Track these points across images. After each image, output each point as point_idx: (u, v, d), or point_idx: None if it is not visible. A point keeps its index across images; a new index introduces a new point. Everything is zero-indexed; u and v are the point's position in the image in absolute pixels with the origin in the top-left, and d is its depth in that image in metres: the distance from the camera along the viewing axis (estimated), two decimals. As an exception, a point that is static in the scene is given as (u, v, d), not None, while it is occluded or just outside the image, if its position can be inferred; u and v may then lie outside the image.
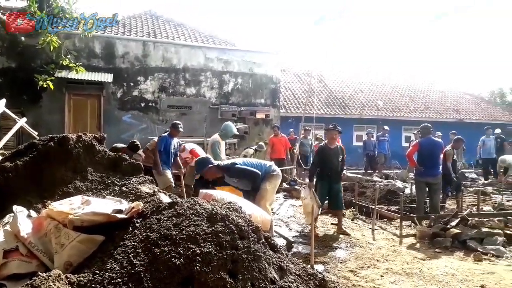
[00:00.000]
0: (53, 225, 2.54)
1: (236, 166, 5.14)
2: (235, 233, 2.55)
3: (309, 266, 3.58)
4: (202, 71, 13.66)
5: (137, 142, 7.77)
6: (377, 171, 13.74)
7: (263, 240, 2.69)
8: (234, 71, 14.03)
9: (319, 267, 4.39)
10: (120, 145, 7.28)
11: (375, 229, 6.49)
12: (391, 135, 16.19)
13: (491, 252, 5.30)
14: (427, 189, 7.09)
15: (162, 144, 7.15)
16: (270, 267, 2.52)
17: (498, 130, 13.60)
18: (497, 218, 6.34)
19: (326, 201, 6.58)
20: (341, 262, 4.82)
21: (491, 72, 62.21)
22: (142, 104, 12.98)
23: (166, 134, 7.40)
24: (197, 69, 13.61)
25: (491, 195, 9.66)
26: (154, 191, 3.42)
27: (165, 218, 2.65)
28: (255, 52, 14.51)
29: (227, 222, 2.62)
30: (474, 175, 14.10)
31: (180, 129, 7.38)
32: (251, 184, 5.05)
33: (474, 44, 65.74)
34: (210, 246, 2.42)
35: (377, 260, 4.93)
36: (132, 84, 12.89)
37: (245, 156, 11.20)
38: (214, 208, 2.76)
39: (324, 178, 6.42)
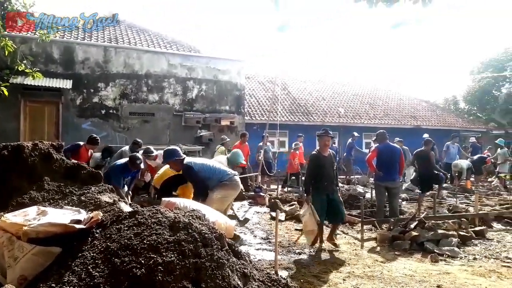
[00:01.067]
0: (6, 237, 2.43)
1: (192, 170, 5.32)
2: (198, 241, 2.54)
3: (273, 272, 3.61)
4: (165, 77, 13.51)
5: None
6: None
7: (227, 247, 2.69)
8: (198, 78, 13.97)
9: (283, 273, 4.41)
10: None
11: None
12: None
13: (447, 253, 5.54)
14: (386, 193, 7.33)
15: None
16: (233, 274, 2.52)
17: (426, 135, 13.30)
18: (452, 220, 6.64)
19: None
20: (304, 267, 4.88)
21: (445, 80, 65.36)
22: (103, 111, 12.65)
23: (122, 163, 6.64)
24: (160, 75, 13.45)
25: (446, 198, 10.11)
26: (114, 200, 3.34)
27: (125, 228, 2.59)
28: (219, 59, 14.53)
29: (190, 230, 2.60)
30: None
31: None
32: (195, 193, 5.37)
33: (429, 53, 68.89)
34: (172, 255, 2.39)
35: (339, 264, 5.03)
36: (92, 90, 12.55)
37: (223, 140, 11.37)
38: (177, 217, 2.73)
39: (321, 190, 5.76)
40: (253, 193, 10.49)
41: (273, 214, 7.26)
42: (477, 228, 6.74)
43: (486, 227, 6.99)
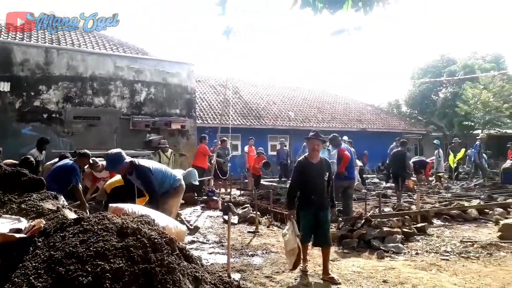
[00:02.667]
0: None
1: (149, 172, 5.07)
2: (148, 246, 2.48)
3: (225, 275, 3.60)
4: (111, 80, 13.05)
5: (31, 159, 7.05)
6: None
7: (178, 252, 2.65)
8: (146, 81, 13.63)
9: (236, 276, 4.42)
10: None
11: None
12: (300, 144, 17.09)
13: (392, 249, 5.81)
14: (340, 194, 7.59)
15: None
16: (185, 279, 2.49)
17: (345, 137, 13.44)
18: (396, 218, 6.97)
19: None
20: (257, 269, 4.91)
21: (389, 85, 68.66)
22: (45, 115, 11.98)
23: (72, 162, 6.15)
24: (106, 78, 12.97)
25: (391, 197, 10.60)
26: (58, 207, 3.19)
27: (70, 235, 2.49)
28: (168, 61, 14.28)
29: (139, 236, 2.54)
30: (376, 180, 15.35)
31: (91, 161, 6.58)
32: (150, 199, 5.08)
33: (374, 59, 72.08)
34: (120, 262, 2.33)
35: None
36: (33, 93, 11.85)
37: (162, 151, 11.17)
38: (125, 222, 2.66)
39: (308, 204, 4.77)
40: (206, 197, 10.42)
41: (226, 217, 7.25)
42: (419, 225, 7.12)
43: (427, 224, 7.41)
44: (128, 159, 5.07)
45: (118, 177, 6.28)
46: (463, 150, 14.55)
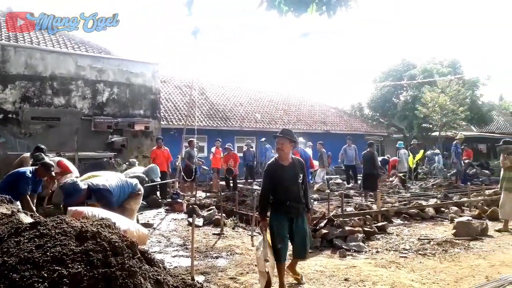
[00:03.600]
0: None
1: (104, 193, 4.96)
2: (108, 250, 2.45)
3: (189, 277, 3.58)
4: (72, 79, 12.66)
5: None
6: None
7: (139, 255, 2.62)
8: (109, 81, 13.31)
9: (199, 278, 4.40)
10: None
11: (254, 235, 6.74)
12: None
13: (353, 248, 5.97)
14: None
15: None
16: (146, 282, 2.47)
17: (300, 138, 12.67)
18: (357, 217, 7.17)
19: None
20: (221, 271, 4.91)
21: (352, 88, 70.38)
22: (0, 116, 11.47)
23: (25, 170, 5.65)
24: (67, 77, 12.57)
25: (353, 197, 10.87)
26: (12, 212, 3.07)
27: (25, 240, 2.41)
28: (132, 61, 14.02)
29: (99, 240, 2.50)
30: (339, 180, 15.69)
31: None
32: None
33: (338, 63, 73.68)
34: (79, 266, 2.28)
35: (255, 265, 5.13)
36: (-13, 92, 11.32)
37: (130, 164, 10.92)
38: (84, 226, 2.61)
39: (282, 211, 4.22)
40: (170, 199, 10.29)
41: (191, 220, 7.20)
42: (379, 224, 7.35)
43: (387, 223, 7.66)
44: (84, 186, 4.86)
45: (84, 177, 6.10)
46: (421, 151, 15.14)
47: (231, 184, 12.80)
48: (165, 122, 16.82)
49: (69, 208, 3.49)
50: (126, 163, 11.18)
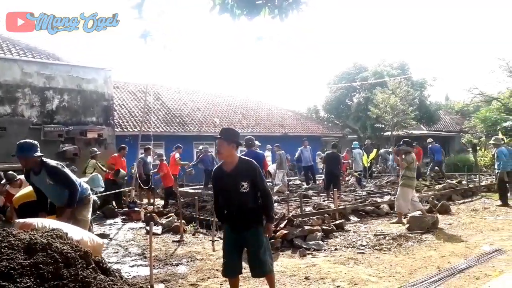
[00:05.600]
0: None
1: (63, 169, 4.53)
2: (60, 261, 2.35)
3: (148, 286, 3.50)
4: (18, 87, 12.05)
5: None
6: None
7: (93, 265, 2.53)
8: (59, 87, 12.78)
9: (159, 286, 4.31)
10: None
11: (215, 240, 6.69)
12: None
13: (313, 247, 6.07)
14: None
15: None
16: (102, 292, 2.38)
17: (257, 142, 13.17)
18: (316, 216, 7.30)
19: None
20: (182, 278, 4.83)
21: (308, 92, 71.84)
22: None
23: None
24: (13, 85, 11.95)
25: (312, 197, 11.07)
26: (-48, 227, 2.86)
27: (-33, 256, 2.25)
28: (83, 67, 13.54)
29: (50, 251, 2.39)
30: (298, 181, 15.93)
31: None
32: (69, 199, 4.46)
33: (294, 67, 75.06)
34: (28, 280, 2.17)
35: (217, 270, 5.10)
36: None
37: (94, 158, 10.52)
38: (33, 238, 2.48)
39: (227, 221, 3.82)
40: (126, 209, 10.00)
41: (149, 228, 7.04)
42: (337, 222, 7.53)
43: (345, 220, 7.86)
44: (40, 154, 4.51)
45: (27, 190, 5.75)
46: (375, 150, 15.69)
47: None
48: (119, 129, 16.35)
49: (17, 220, 3.30)
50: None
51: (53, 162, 4.62)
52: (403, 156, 8.18)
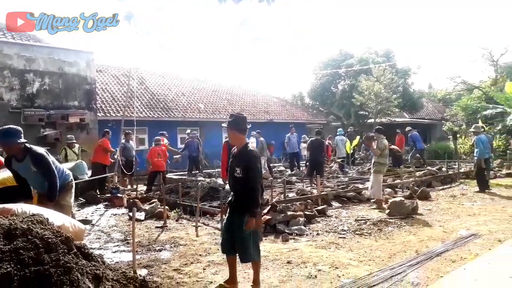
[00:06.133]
0: None
1: (48, 158, 4.40)
2: (40, 247, 2.34)
3: (131, 271, 3.51)
4: (-3, 69, 11.72)
5: None
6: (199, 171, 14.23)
7: (75, 250, 2.53)
8: (40, 70, 12.49)
9: (142, 272, 4.32)
10: None
11: (199, 225, 6.72)
12: (213, 136, 17.25)
13: (295, 231, 6.16)
14: None
15: None
16: (84, 277, 2.39)
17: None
18: (299, 202, 7.39)
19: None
20: (165, 263, 4.86)
21: (293, 78, 71.80)
22: None
23: None
24: (-9, 67, 11.62)
25: (295, 183, 11.18)
26: None
27: None
28: (65, 49, 13.23)
29: (30, 237, 2.38)
30: (282, 168, 16.04)
31: None
32: (49, 191, 4.38)
33: (278, 54, 74.73)
34: (8, 266, 2.16)
35: (200, 255, 5.15)
36: None
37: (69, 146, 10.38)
38: (13, 223, 2.47)
39: (229, 201, 4.00)
40: (109, 194, 9.93)
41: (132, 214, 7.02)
42: (319, 207, 7.64)
43: (327, 206, 7.98)
44: (23, 140, 4.36)
45: (5, 174, 5.62)
46: (358, 137, 15.86)
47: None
48: (102, 113, 16.11)
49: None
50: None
51: (39, 149, 4.48)
52: (376, 143, 8.41)
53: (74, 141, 10.84)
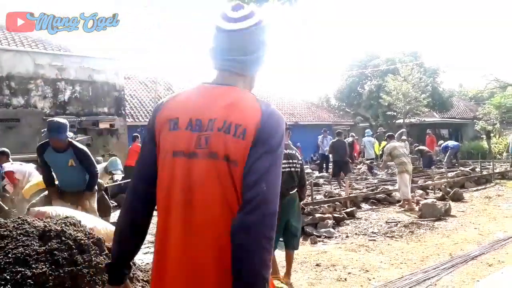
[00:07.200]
0: None
1: (88, 151, 4.49)
2: (74, 248, 2.39)
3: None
4: (31, 79, 12.17)
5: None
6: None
7: (106, 252, 2.57)
8: (70, 79, 12.89)
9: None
10: None
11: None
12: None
13: (324, 234, 6.08)
14: None
15: None
16: (115, 278, 2.42)
17: None
18: (327, 205, 7.30)
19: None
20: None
21: (319, 81, 71.36)
22: (-46, 118, 10.92)
23: None
24: (25, 77, 12.08)
25: (323, 185, 11.06)
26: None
27: (-16, 243, 2.31)
28: (93, 58, 13.60)
29: (64, 238, 2.44)
30: (309, 170, 15.91)
31: None
32: (90, 182, 4.48)
33: (307, 57, 74.47)
34: (44, 266, 2.22)
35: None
36: None
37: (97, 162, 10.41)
38: (47, 225, 2.53)
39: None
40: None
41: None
42: (348, 210, 7.52)
43: (356, 208, 7.85)
44: (70, 135, 4.50)
45: (36, 180, 5.80)
46: (387, 138, 15.50)
47: None
48: (131, 119, 16.49)
49: (31, 208, 3.36)
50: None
51: (80, 144, 4.58)
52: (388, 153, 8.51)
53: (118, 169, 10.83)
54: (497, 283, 4.00)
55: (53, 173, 4.56)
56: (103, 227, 3.21)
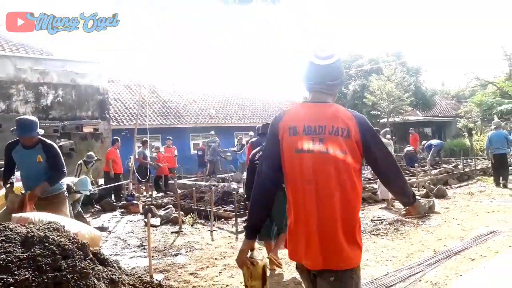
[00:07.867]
0: None
1: (57, 148, 4.33)
2: (57, 253, 2.37)
3: (147, 276, 3.54)
4: (12, 83, 11.99)
5: None
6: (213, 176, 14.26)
7: (91, 256, 2.56)
8: (53, 83, 12.72)
9: (158, 276, 4.34)
10: None
11: (214, 230, 6.75)
12: (225, 141, 17.27)
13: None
14: None
15: None
16: (100, 282, 2.42)
17: (251, 133, 14.20)
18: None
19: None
20: (181, 267, 4.87)
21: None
22: None
23: None
24: (6, 81, 11.88)
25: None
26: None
27: (-35, 251, 2.28)
28: (76, 61, 13.46)
29: (47, 244, 2.42)
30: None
31: None
32: (52, 177, 4.23)
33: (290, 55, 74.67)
34: (27, 272, 2.20)
35: (216, 259, 5.15)
36: None
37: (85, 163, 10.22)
38: (30, 231, 2.51)
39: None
40: (125, 201, 10.02)
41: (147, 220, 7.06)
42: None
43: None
44: (42, 132, 4.33)
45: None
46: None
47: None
48: (115, 122, 16.34)
49: (14, 215, 3.30)
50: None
51: (49, 140, 4.43)
52: None
53: (93, 160, 10.59)
54: (480, 277, 4.10)
55: (13, 170, 4.43)
56: (87, 232, 3.18)
